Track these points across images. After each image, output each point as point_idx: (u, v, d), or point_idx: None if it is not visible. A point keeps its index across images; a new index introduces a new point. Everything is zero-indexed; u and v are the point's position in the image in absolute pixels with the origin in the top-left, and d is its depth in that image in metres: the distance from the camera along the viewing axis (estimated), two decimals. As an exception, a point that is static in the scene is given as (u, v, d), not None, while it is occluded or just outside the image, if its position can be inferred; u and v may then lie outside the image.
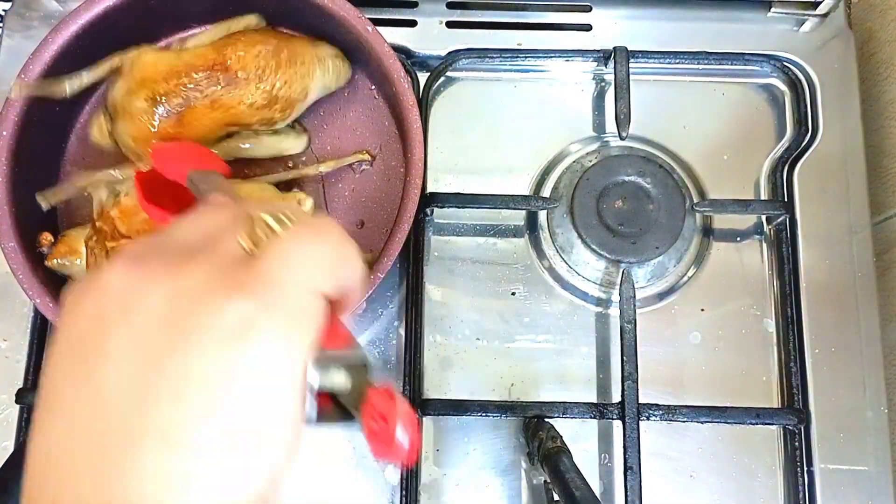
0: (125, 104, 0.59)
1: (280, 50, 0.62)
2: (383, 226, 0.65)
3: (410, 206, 0.58)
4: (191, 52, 0.61)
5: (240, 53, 0.60)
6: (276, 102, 0.62)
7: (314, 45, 0.64)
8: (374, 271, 0.57)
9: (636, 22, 0.74)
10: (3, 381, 0.64)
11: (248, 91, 0.60)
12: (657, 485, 0.63)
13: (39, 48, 0.59)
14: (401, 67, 0.61)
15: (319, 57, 0.64)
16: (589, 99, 0.73)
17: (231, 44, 0.61)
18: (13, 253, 0.57)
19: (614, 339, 0.65)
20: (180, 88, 0.59)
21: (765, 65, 0.72)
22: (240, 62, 0.60)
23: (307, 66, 0.63)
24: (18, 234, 0.57)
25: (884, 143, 0.72)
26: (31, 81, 0.59)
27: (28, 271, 0.56)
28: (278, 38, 0.63)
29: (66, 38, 0.59)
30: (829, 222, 0.68)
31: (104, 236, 0.57)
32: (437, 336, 0.66)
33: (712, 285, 0.68)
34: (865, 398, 0.64)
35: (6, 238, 0.57)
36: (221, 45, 0.61)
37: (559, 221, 0.67)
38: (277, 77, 0.61)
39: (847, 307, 0.66)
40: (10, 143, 0.58)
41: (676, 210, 0.65)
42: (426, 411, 0.62)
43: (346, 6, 0.61)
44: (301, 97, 0.63)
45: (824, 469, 0.63)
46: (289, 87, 0.62)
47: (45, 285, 0.57)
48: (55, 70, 0.60)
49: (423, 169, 0.60)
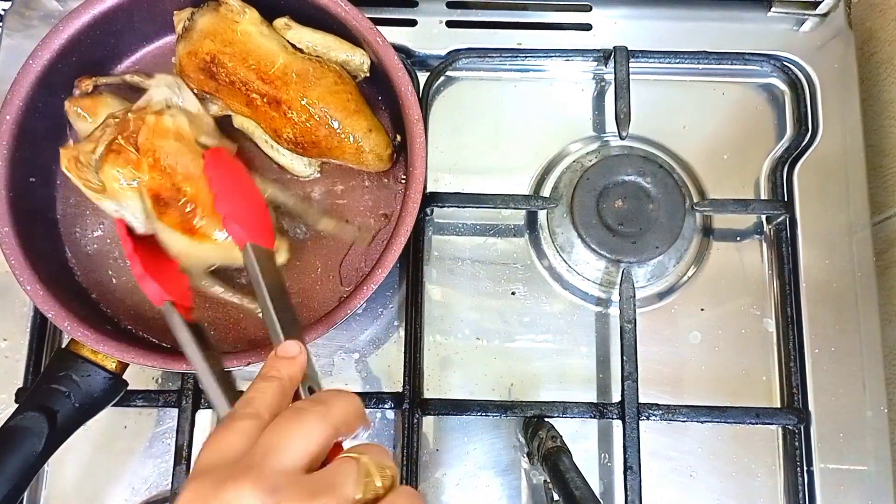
0: (204, 30, 0.59)
1: (334, 118, 0.59)
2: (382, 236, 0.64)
3: (409, 219, 0.58)
4: (281, 45, 0.60)
5: (301, 99, 0.59)
6: (300, 148, 0.61)
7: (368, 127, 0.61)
8: (370, 281, 0.57)
9: (636, 21, 0.74)
10: (3, 381, 0.64)
11: (283, 124, 0.60)
12: (657, 485, 0.63)
13: (42, 44, 0.59)
14: (409, 82, 0.60)
15: (362, 149, 0.61)
16: (589, 99, 0.73)
17: (305, 82, 0.59)
18: (7, 238, 0.56)
19: (614, 339, 0.65)
20: (243, 67, 0.59)
21: (765, 65, 0.72)
22: (293, 103, 0.59)
23: (345, 152, 0.61)
24: (14, 219, 0.57)
25: (884, 143, 0.72)
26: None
27: (20, 257, 0.56)
28: (344, 108, 0.60)
29: (68, 35, 0.60)
30: (829, 222, 0.68)
31: (123, 128, 0.56)
32: (437, 336, 0.66)
33: (712, 285, 0.68)
34: (865, 398, 0.64)
35: (1, 222, 0.57)
36: (304, 72, 0.59)
37: (559, 221, 0.67)
38: (313, 146, 0.60)
39: (847, 307, 0.66)
40: (13, 127, 0.58)
41: (676, 210, 0.65)
42: (426, 411, 0.62)
43: (358, 15, 0.60)
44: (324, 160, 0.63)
45: (824, 469, 0.63)
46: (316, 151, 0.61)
47: (36, 272, 0.56)
48: (60, 64, 0.60)
49: (424, 184, 0.59)
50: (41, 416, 0.53)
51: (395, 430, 0.64)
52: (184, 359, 0.52)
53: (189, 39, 0.60)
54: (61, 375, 0.55)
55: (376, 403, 0.63)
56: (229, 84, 0.60)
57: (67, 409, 0.54)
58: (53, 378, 0.55)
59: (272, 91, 0.59)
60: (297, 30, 0.61)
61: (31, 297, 0.56)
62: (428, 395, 0.65)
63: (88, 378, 0.55)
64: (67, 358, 0.56)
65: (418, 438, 0.62)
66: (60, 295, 0.57)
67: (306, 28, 0.62)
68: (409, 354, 0.63)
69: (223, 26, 0.59)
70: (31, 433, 0.52)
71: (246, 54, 0.59)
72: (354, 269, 0.63)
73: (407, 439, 0.62)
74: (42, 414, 0.53)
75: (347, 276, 0.63)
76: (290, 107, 0.59)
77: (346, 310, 0.57)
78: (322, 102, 0.59)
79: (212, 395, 0.46)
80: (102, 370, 0.56)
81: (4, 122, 0.58)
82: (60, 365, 0.56)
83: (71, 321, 0.55)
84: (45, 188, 0.63)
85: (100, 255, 0.63)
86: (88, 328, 0.55)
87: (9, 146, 0.58)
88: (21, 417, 0.53)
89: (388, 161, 0.63)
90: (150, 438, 0.64)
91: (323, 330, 0.56)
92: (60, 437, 0.54)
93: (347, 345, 0.66)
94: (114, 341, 0.55)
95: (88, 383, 0.55)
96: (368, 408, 0.63)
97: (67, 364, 0.55)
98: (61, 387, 0.54)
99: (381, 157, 0.62)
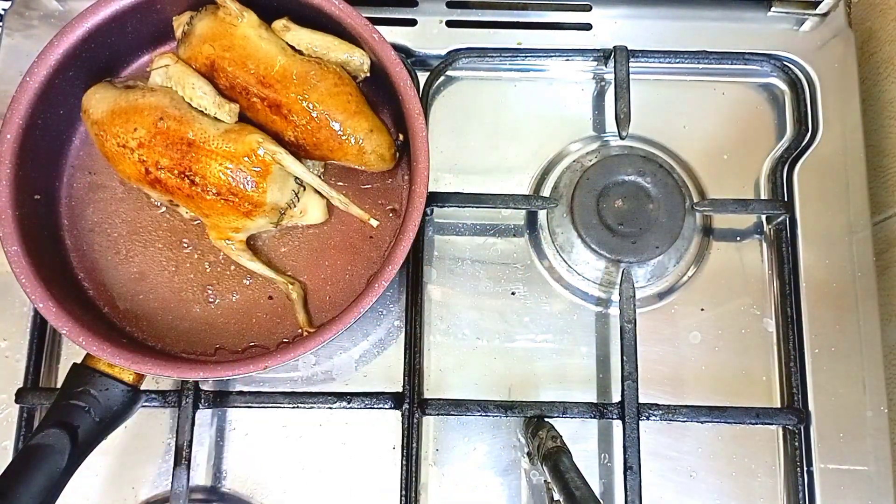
0: (203, 34, 0.59)
1: (334, 120, 0.59)
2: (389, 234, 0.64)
3: (416, 214, 0.58)
4: (280, 47, 0.59)
5: (302, 102, 0.58)
6: (302, 150, 0.61)
7: (371, 126, 0.61)
8: (379, 280, 0.56)
9: (636, 21, 0.74)
10: (3, 381, 0.64)
11: (284, 127, 0.60)
12: (657, 485, 0.63)
13: (38, 60, 0.58)
14: (408, 77, 0.60)
15: (364, 150, 0.61)
16: (589, 98, 0.73)
17: (305, 84, 0.58)
18: (16, 257, 0.56)
19: (614, 339, 0.65)
20: (243, 72, 0.59)
21: (765, 64, 0.72)
22: (294, 106, 0.58)
23: (347, 154, 0.61)
24: (21, 238, 0.56)
25: (884, 143, 0.72)
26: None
27: (31, 275, 0.56)
28: (345, 109, 0.59)
29: (64, 49, 0.59)
30: (829, 222, 0.68)
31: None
32: (437, 336, 0.66)
33: (712, 285, 0.68)
34: (865, 398, 0.64)
35: (9, 242, 0.56)
36: (304, 74, 0.59)
37: (559, 221, 0.67)
38: (314, 148, 0.60)
39: (847, 307, 0.66)
40: (14, 146, 0.57)
41: (676, 210, 0.65)
42: (426, 411, 0.62)
43: (353, 14, 0.60)
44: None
45: (824, 469, 0.63)
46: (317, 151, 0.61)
47: (48, 289, 0.56)
48: (57, 79, 0.59)
49: (427, 178, 0.59)
50: (62, 432, 0.52)
51: (395, 430, 0.64)
52: (200, 367, 0.52)
53: (188, 44, 0.60)
54: (79, 391, 0.54)
55: (376, 403, 0.63)
56: (230, 88, 0.59)
57: (88, 424, 0.54)
58: (71, 394, 0.54)
59: (272, 94, 0.59)
60: (296, 31, 0.61)
61: (45, 315, 0.55)
62: (428, 395, 0.65)
63: (107, 392, 0.55)
64: (84, 373, 0.55)
65: (418, 438, 0.62)
66: (73, 310, 0.56)
67: (305, 29, 0.61)
68: (409, 354, 0.63)
69: (222, 30, 0.59)
70: (54, 450, 0.52)
71: (245, 58, 0.59)
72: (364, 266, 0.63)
73: (407, 439, 0.62)
74: (63, 430, 0.52)
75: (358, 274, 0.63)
76: (290, 110, 0.59)
77: (360, 307, 0.56)
78: (323, 104, 0.59)
79: None
80: (120, 383, 0.55)
81: (5, 142, 0.57)
82: (77, 380, 0.55)
83: (86, 336, 0.55)
84: (50, 205, 0.63)
85: (109, 268, 0.63)
86: (104, 342, 0.55)
87: (11, 165, 0.57)
88: (43, 435, 0.52)
89: (391, 161, 0.62)
90: (150, 438, 0.64)
91: (339, 327, 0.55)
92: (83, 453, 0.54)
93: (347, 345, 0.66)
94: (130, 353, 0.55)
95: (107, 397, 0.55)
96: (369, 408, 0.63)
97: (84, 379, 0.55)
98: (80, 402, 0.54)
99: (384, 157, 0.61)
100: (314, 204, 0.61)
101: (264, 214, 0.58)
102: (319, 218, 0.62)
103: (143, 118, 0.57)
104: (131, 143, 0.57)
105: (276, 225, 0.61)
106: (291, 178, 0.59)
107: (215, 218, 0.58)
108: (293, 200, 0.60)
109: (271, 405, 0.63)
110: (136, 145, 0.57)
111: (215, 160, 0.56)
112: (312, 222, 0.62)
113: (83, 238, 0.63)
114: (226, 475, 0.63)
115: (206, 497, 0.63)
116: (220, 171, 0.56)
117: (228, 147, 0.57)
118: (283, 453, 0.64)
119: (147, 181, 0.58)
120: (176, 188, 0.57)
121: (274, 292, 0.62)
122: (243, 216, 0.58)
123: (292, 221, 0.61)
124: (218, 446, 0.64)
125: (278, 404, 0.63)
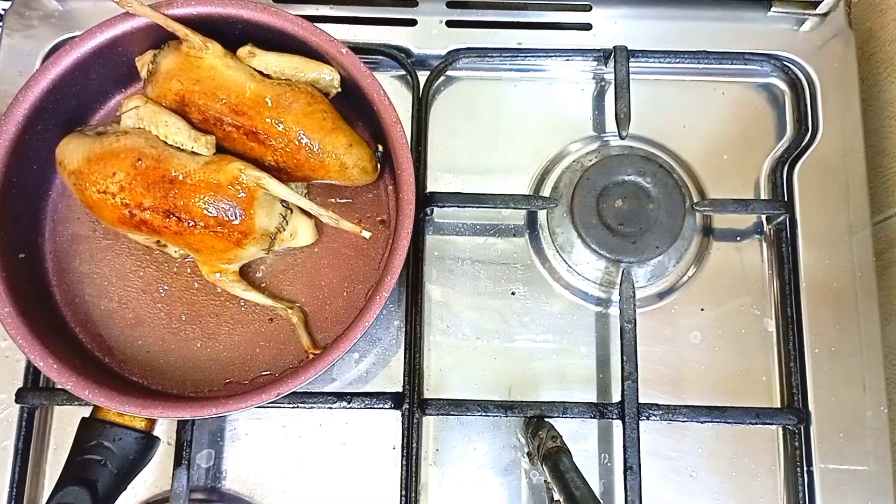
0: (170, 71, 0.59)
1: (310, 140, 0.59)
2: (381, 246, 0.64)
3: (407, 223, 0.57)
4: (249, 74, 0.59)
5: (278, 125, 0.58)
6: (284, 174, 0.60)
7: (349, 141, 0.60)
8: (379, 292, 0.56)
9: (636, 21, 0.74)
10: (3, 381, 0.64)
11: (263, 153, 0.59)
12: (657, 485, 0.63)
13: (5, 118, 0.57)
14: (380, 87, 0.59)
15: (345, 166, 0.60)
16: (589, 98, 0.73)
17: (279, 108, 0.58)
18: (10, 318, 0.54)
19: (614, 339, 0.65)
20: (215, 102, 0.58)
21: (765, 64, 0.72)
22: (270, 130, 0.58)
23: (329, 171, 0.60)
24: (12, 297, 0.55)
25: (884, 143, 0.72)
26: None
27: (27, 335, 0.54)
28: (321, 127, 0.59)
29: (30, 104, 0.58)
30: (829, 222, 0.68)
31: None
32: (437, 336, 0.66)
33: (712, 285, 0.68)
34: (865, 398, 0.64)
35: (1, 304, 0.55)
36: (277, 97, 0.58)
37: (559, 221, 0.67)
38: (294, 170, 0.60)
39: (847, 307, 0.66)
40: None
41: (676, 210, 0.65)
42: (426, 411, 0.62)
43: (316, 31, 0.59)
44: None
45: (824, 469, 0.63)
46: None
47: (46, 347, 0.55)
48: (27, 135, 0.58)
49: (415, 185, 0.58)
50: (82, 489, 0.52)
51: (395, 430, 0.64)
52: (212, 404, 0.52)
53: (155, 82, 0.60)
54: (93, 444, 0.54)
55: (376, 403, 0.63)
56: (203, 121, 0.59)
57: (106, 476, 0.54)
58: (85, 449, 0.54)
59: (247, 122, 0.58)
60: (262, 56, 0.60)
61: (47, 373, 0.54)
62: (428, 395, 0.65)
63: (120, 441, 0.55)
64: (95, 426, 0.55)
65: (418, 438, 0.62)
66: (74, 364, 0.56)
67: (271, 53, 0.61)
68: (409, 354, 0.63)
69: (188, 64, 0.58)
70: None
71: (215, 89, 0.58)
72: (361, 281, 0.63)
73: (407, 439, 0.62)
74: (82, 487, 0.52)
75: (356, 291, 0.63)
76: (267, 134, 0.58)
77: (364, 322, 0.56)
78: (299, 125, 0.58)
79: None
80: (133, 431, 0.55)
81: None
82: (89, 434, 0.55)
83: (91, 389, 0.54)
84: (36, 261, 0.62)
85: (103, 317, 0.62)
86: (111, 392, 0.54)
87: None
88: (62, 494, 0.52)
89: (373, 173, 0.62)
90: (150, 438, 0.64)
91: (346, 345, 0.55)
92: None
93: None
94: (138, 400, 0.54)
95: (121, 447, 0.55)
96: (369, 408, 0.63)
97: (96, 432, 0.55)
98: (95, 456, 0.54)
99: (366, 169, 0.61)
100: (303, 225, 0.60)
101: (255, 241, 0.58)
102: (310, 238, 0.61)
103: (121, 161, 0.56)
104: (112, 188, 0.56)
105: (267, 251, 0.60)
106: (277, 201, 0.59)
107: (206, 252, 0.58)
108: (282, 224, 0.59)
109: (271, 405, 0.63)
110: (117, 189, 0.56)
111: (199, 193, 0.55)
112: (303, 244, 0.61)
113: (73, 290, 0.62)
114: (226, 475, 0.63)
115: (206, 497, 0.63)
116: (205, 204, 0.55)
117: (211, 178, 0.56)
118: (283, 453, 0.64)
119: (132, 224, 0.57)
120: (162, 227, 0.56)
121: (274, 315, 0.62)
122: (234, 245, 0.57)
123: (283, 245, 0.61)
124: (218, 446, 0.64)
125: (278, 404, 0.63)
